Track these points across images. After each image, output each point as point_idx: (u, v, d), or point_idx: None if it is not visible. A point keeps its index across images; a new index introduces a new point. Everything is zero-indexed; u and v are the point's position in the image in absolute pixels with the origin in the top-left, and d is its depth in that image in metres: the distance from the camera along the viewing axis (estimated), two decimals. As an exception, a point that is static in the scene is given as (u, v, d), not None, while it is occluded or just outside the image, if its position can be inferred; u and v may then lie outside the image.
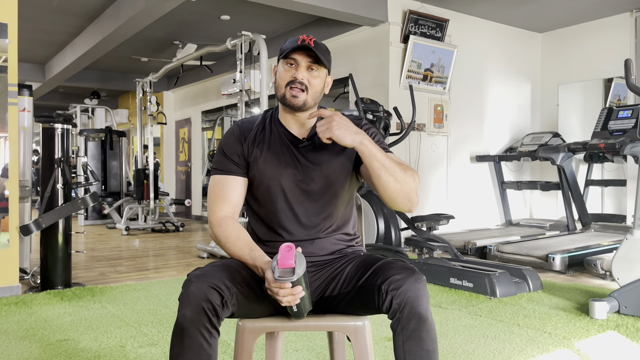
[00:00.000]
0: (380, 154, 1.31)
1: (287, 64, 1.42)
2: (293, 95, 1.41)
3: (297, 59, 1.41)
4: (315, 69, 1.42)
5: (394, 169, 1.31)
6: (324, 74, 1.45)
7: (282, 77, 1.43)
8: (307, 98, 1.42)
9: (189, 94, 9.57)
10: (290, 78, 1.41)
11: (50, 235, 3.66)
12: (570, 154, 5.37)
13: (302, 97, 1.41)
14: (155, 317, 2.92)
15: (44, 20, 6.35)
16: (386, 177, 1.30)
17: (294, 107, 1.42)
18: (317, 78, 1.43)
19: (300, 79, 1.40)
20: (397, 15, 5.53)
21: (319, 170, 1.44)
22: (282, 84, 1.43)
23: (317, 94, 1.44)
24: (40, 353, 2.35)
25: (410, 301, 1.23)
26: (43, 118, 3.71)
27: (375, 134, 1.49)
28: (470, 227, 6.00)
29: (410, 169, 1.36)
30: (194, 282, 1.24)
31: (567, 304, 3.16)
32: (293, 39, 1.43)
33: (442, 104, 5.90)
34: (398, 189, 1.31)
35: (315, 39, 1.42)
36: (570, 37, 6.49)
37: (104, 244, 6.21)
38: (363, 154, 1.30)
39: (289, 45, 1.42)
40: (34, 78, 8.77)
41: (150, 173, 7.41)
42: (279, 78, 1.44)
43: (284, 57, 1.42)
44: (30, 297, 3.38)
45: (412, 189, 1.33)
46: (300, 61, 1.41)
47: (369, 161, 1.30)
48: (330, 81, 1.51)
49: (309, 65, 1.41)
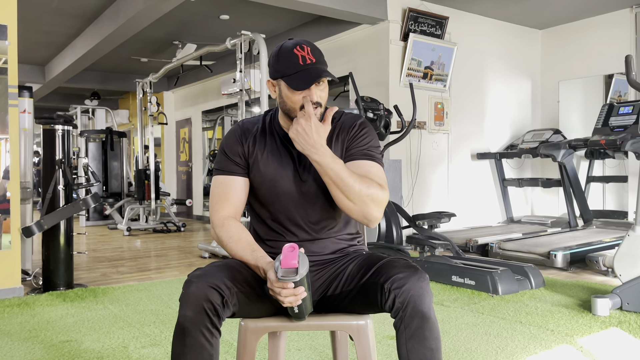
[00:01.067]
0: (335, 170, 1.30)
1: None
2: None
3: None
4: (322, 82, 1.39)
5: (347, 188, 1.31)
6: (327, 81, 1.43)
7: (294, 101, 1.38)
8: (322, 110, 1.40)
9: (189, 94, 9.57)
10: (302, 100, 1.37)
11: (52, 236, 3.66)
12: (571, 150, 5.36)
13: (318, 113, 1.38)
14: (157, 318, 2.93)
15: (44, 22, 6.35)
16: (337, 193, 1.33)
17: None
18: (325, 89, 1.41)
19: (317, 99, 1.37)
20: (396, 13, 5.52)
21: (315, 171, 1.42)
22: (295, 106, 1.38)
23: (325, 101, 1.43)
24: (43, 354, 2.35)
25: (413, 300, 1.22)
26: (44, 119, 3.71)
27: (365, 135, 1.46)
28: (472, 225, 6.00)
29: (372, 188, 1.33)
30: (194, 283, 1.24)
31: (569, 301, 3.16)
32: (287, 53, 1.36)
33: (442, 101, 5.90)
34: (351, 206, 1.33)
35: (310, 48, 1.37)
36: (570, 34, 6.48)
37: (106, 244, 6.22)
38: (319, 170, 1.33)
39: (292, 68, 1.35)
40: (34, 79, 8.78)
41: (151, 173, 7.41)
42: (291, 102, 1.38)
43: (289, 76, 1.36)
44: (33, 299, 3.38)
45: (369, 210, 1.32)
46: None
47: (323, 172, 1.33)
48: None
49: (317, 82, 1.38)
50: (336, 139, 1.46)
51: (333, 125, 1.49)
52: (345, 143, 1.46)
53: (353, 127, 1.47)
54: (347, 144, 1.45)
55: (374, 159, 1.42)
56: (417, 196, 5.65)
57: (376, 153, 1.45)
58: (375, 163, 1.42)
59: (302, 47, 1.37)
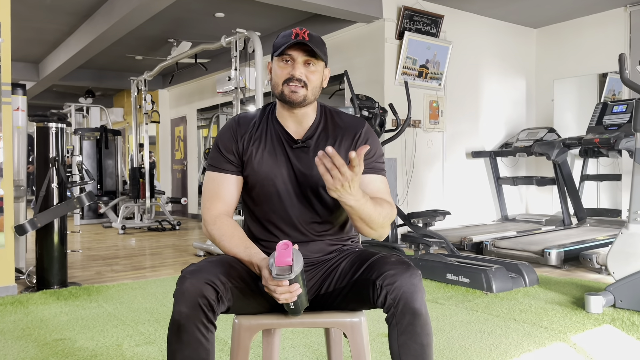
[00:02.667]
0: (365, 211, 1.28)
1: (282, 61, 1.39)
2: (292, 91, 1.37)
3: (292, 55, 1.37)
4: (312, 64, 1.39)
5: (372, 221, 1.32)
6: (321, 67, 1.42)
7: (279, 75, 1.39)
8: (307, 93, 1.39)
9: (184, 92, 9.54)
10: (288, 75, 1.37)
11: (46, 234, 3.65)
12: (566, 149, 5.39)
13: (301, 92, 1.38)
14: (152, 316, 2.92)
15: (37, 19, 6.31)
16: (361, 225, 1.33)
17: (294, 102, 1.38)
18: (314, 73, 1.40)
19: (298, 75, 1.37)
20: (391, 11, 5.52)
21: (310, 176, 1.42)
22: (279, 81, 1.39)
23: (316, 89, 1.41)
24: (36, 352, 2.34)
25: (405, 296, 1.22)
26: (37, 117, 3.70)
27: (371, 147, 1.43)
28: (467, 223, 6.01)
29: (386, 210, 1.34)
30: (188, 279, 1.23)
31: (563, 299, 3.17)
32: (286, 33, 1.40)
33: (437, 100, 5.90)
34: (371, 232, 1.36)
35: (309, 32, 1.38)
36: (565, 33, 6.50)
37: (101, 243, 6.20)
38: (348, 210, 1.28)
39: (282, 41, 1.38)
40: (27, 77, 8.73)
41: (146, 172, 7.39)
42: (275, 76, 1.40)
43: (279, 54, 1.38)
44: (27, 297, 3.37)
45: (385, 231, 1.38)
46: (297, 57, 1.37)
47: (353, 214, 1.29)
48: (328, 74, 1.47)
49: (306, 60, 1.38)
50: (339, 142, 1.45)
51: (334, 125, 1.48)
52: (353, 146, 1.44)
53: (358, 135, 1.46)
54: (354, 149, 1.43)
55: (380, 172, 1.44)
56: (412, 194, 5.66)
57: (381, 164, 1.45)
58: (381, 177, 1.44)
59: (301, 29, 1.38)
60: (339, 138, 1.46)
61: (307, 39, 1.36)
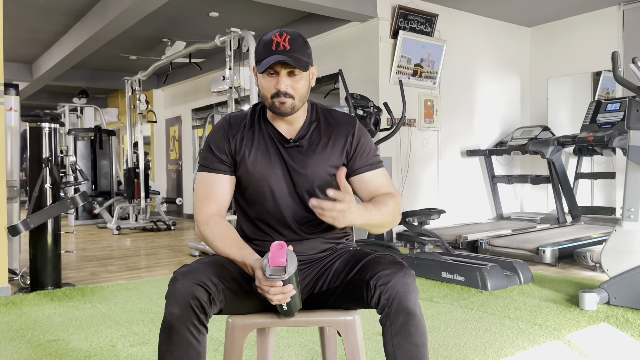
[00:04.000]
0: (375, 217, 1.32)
1: (267, 74, 1.37)
2: (281, 103, 1.37)
3: (275, 68, 1.35)
4: (297, 74, 1.36)
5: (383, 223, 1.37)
6: (306, 73, 1.39)
7: (266, 88, 1.38)
8: (295, 102, 1.38)
9: (179, 92, 9.51)
10: (274, 90, 1.36)
11: (39, 235, 3.63)
12: (560, 147, 5.40)
13: (289, 103, 1.37)
14: (146, 316, 2.91)
15: (30, 19, 6.28)
16: (374, 230, 1.39)
17: (285, 114, 1.38)
18: (300, 81, 1.38)
19: (284, 89, 1.35)
20: (386, 10, 5.52)
21: (304, 174, 1.42)
22: (267, 95, 1.38)
23: (303, 95, 1.40)
24: (30, 354, 2.33)
25: (398, 296, 1.22)
26: (30, 117, 3.67)
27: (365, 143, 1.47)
28: (462, 222, 6.03)
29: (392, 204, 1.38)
30: (180, 280, 1.23)
31: (558, 296, 3.18)
32: (266, 40, 1.36)
33: (432, 99, 5.91)
34: (382, 230, 1.42)
35: (289, 37, 1.36)
36: (558, 31, 6.52)
37: (95, 243, 6.17)
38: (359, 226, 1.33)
39: (263, 53, 1.36)
40: (21, 77, 8.67)
41: (140, 172, 7.36)
42: (262, 89, 1.39)
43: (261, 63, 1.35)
44: (20, 298, 3.35)
45: (396, 222, 1.42)
46: (280, 70, 1.35)
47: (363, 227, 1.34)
48: (315, 71, 1.46)
49: (290, 71, 1.36)
50: (333, 141, 1.45)
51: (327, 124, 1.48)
52: (344, 150, 1.45)
53: (352, 134, 1.46)
54: (349, 154, 1.45)
55: (378, 166, 1.47)
56: (407, 193, 5.66)
57: (377, 157, 1.49)
58: (380, 170, 1.47)
59: (281, 35, 1.36)
60: (332, 136, 1.46)
61: (288, 47, 1.34)
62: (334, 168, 1.44)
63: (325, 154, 1.44)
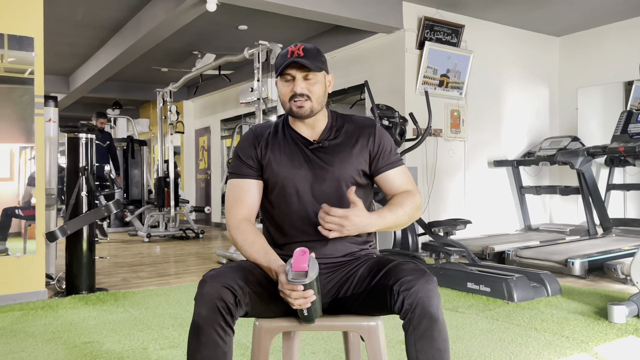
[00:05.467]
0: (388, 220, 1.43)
1: (284, 80, 1.49)
2: (298, 106, 1.47)
3: (291, 73, 1.47)
4: (311, 77, 1.47)
5: (402, 223, 1.47)
6: (321, 77, 1.50)
7: (284, 93, 1.49)
8: (312, 104, 1.48)
9: (208, 103, 9.72)
10: (291, 93, 1.47)
11: (75, 241, 3.77)
12: (590, 158, 5.32)
13: (307, 105, 1.47)
14: (176, 321, 2.99)
15: (69, 34, 6.54)
16: (394, 228, 1.50)
17: (302, 116, 1.49)
18: (315, 84, 1.49)
19: (300, 91, 1.47)
20: (412, 22, 5.56)
21: (331, 171, 1.49)
22: (285, 99, 1.49)
23: (320, 98, 1.50)
24: (66, 355, 2.43)
25: (421, 301, 1.26)
26: (68, 128, 3.84)
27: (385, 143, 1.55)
28: (489, 233, 5.97)
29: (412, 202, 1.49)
30: (208, 282, 1.29)
31: (586, 309, 3.14)
32: (283, 52, 1.49)
33: (458, 109, 5.91)
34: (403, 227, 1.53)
35: (303, 46, 1.47)
36: (588, 40, 6.44)
37: (126, 250, 6.34)
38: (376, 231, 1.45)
39: (281, 62, 1.48)
40: (58, 90, 9.02)
41: (170, 181, 7.54)
42: (281, 94, 1.51)
43: (279, 74, 1.49)
44: (56, 302, 3.48)
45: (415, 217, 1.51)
46: (295, 74, 1.46)
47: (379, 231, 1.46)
48: (332, 79, 1.56)
49: (305, 75, 1.47)
50: (356, 141, 1.53)
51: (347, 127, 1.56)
52: (367, 151, 1.53)
53: (373, 135, 1.55)
54: (372, 154, 1.54)
55: (398, 164, 1.56)
56: (433, 203, 5.65)
57: (397, 156, 1.57)
58: (401, 168, 1.56)
59: (297, 45, 1.48)
60: (355, 138, 1.54)
61: (302, 54, 1.45)
62: (358, 167, 1.52)
63: (349, 153, 1.52)
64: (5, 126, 3.57)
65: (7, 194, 3.67)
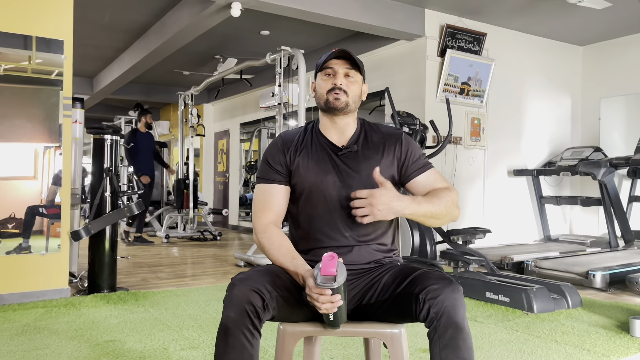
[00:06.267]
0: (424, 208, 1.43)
1: (325, 75, 1.54)
2: (335, 98, 1.51)
3: (334, 67, 1.53)
4: (352, 75, 1.53)
5: (437, 215, 1.45)
6: (360, 79, 1.56)
7: (322, 86, 1.54)
8: (348, 100, 1.53)
9: (228, 107, 9.81)
10: (331, 85, 1.52)
11: (98, 241, 3.83)
12: (612, 169, 5.25)
13: (343, 98, 1.52)
14: (195, 322, 3.03)
15: (94, 37, 6.67)
16: (429, 222, 1.48)
17: (338, 109, 1.52)
18: (354, 83, 1.54)
19: (340, 84, 1.52)
20: (434, 29, 5.56)
21: (358, 177, 1.51)
22: (323, 92, 1.54)
23: (356, 97, 1.55)
24: (89, 352, 2.48)
25: (447, 310, 1.26)
26: (94, 129, 3.91)
27: (413, 149, 1.58)
28: (508, 242, 5.92)
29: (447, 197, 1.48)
30: (237, 286, 1.31)
31: (607, 322, 3.10)
32: (327, 53, 1.56)
33: (479, 117, 5.88)
34: (440, 223, 1.50)
35: (347, 50, 1.54)
36: (612, 50, 6.37)
37: (145, 251, 6.42)
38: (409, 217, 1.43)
39: (324, 57, 1.55)
40: (82, 91, 9.19)
41: (190, 183, 7.62)
42: (319, 87, 1.56)
43: (322, 68, 1.54)
44: (79, 300, 3.54)
45: (454, 215, 1.50)
46: (338, 69, 1.52)
47: (415, 218, 1.44)
48: (366, 89, 1.61)
49: (346, 72, 1.53)
50: (383, 150, 1.56)
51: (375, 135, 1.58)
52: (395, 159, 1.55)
53: (399, 143, 1.57)
54: (400, 162, 1.56)
55: (428, 167, 1.57)
56: (451, 211, 5.62)
57: (426, 160, 1.59)
58: (431, 170, 1.57)
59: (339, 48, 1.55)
60: (382, 146, 1.57)
61: (346, 51, 1.53)
62: (388, 171, 1.54)
63: (378, 160, 1.53)
64: (31, 126, 3.65)
65: (31, 193, 3.75)
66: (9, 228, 3.61)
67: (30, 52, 3.63)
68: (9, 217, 3.62)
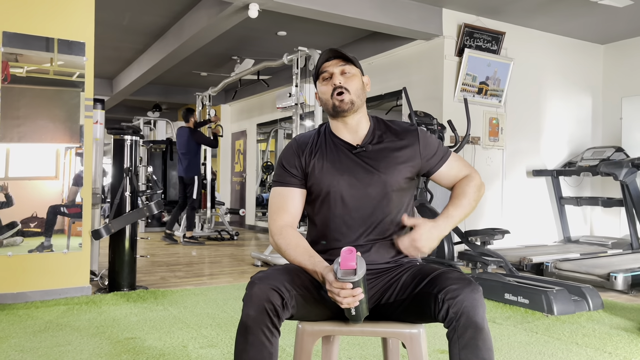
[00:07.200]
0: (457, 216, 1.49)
1: (323, 80, 1.55)
2: (339, 100, 1.51)
3: (329, 69, 1.53)
4: (348, 71, 1.53)
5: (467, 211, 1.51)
6: (357, 72, 1.55)
7: (324, 92, 1.54)
8: (352, 97, 1.52)
9: (245, 107, 9.87)
10: (331, 88, 1.53)
11: (118, 240, 3.89)
12: (635, 169, 5.16)
13: (347, 97, 1.51)
14: (213, 321, 3.05)
15: (114, 39, 6.77)
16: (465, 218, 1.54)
17: (344, 110, 1.52)
18: (352, 78, 1.54)
19: (338, 83, 1.52)
20: (452, 28, 5.53)
21: (377, 176, 1.51)
22: (327, 97, 1.54)
23: (358, 91, 1.54)
24: (110, 349, 2.52)
25: (466, 310, 1.26)
26: (114, 130, 3.97)
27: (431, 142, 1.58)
28: (526, 243, 5.85)
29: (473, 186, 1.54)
30: (257, 284, 1.32)
31: (629, 324, 3.05)
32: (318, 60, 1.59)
33: (497, 117, 5.83)
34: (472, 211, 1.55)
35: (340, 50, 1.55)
36: (635, 49, 6.26)
37: (163, 250, 6.49)
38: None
39: (318, 64, 1.56)
40: (102, 92, 9.33)
41: (207, 183, 7.68)
42: (322, 94, 1.56)
43: (318, 74, 1.56)
44: (99, 298, 3.60)
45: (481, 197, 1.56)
46: (333, 69, 1.53)
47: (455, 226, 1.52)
48: (368, 80, 1.61)
49: (341, 70, 1.52)
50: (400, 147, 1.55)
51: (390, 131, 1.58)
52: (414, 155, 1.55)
53: (417, 138, 1.57)
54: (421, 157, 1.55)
55: (447, 155, 1.59)
56: (469, 212, 5.57)
57: (445, 148, 1.60)
58: (451, 158, 1.59)
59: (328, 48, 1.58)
60: (399, 142, 1.56)
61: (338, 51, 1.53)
62: (404, 172, 1.53)
63: (396, 157, 1.53)
64: (53, 127, 3.72)
65: (53, 192, 3.82)
66: (32, 227, 3.68)
67: (52, 54, 3.69)
68: (32, 216, 3.69)
